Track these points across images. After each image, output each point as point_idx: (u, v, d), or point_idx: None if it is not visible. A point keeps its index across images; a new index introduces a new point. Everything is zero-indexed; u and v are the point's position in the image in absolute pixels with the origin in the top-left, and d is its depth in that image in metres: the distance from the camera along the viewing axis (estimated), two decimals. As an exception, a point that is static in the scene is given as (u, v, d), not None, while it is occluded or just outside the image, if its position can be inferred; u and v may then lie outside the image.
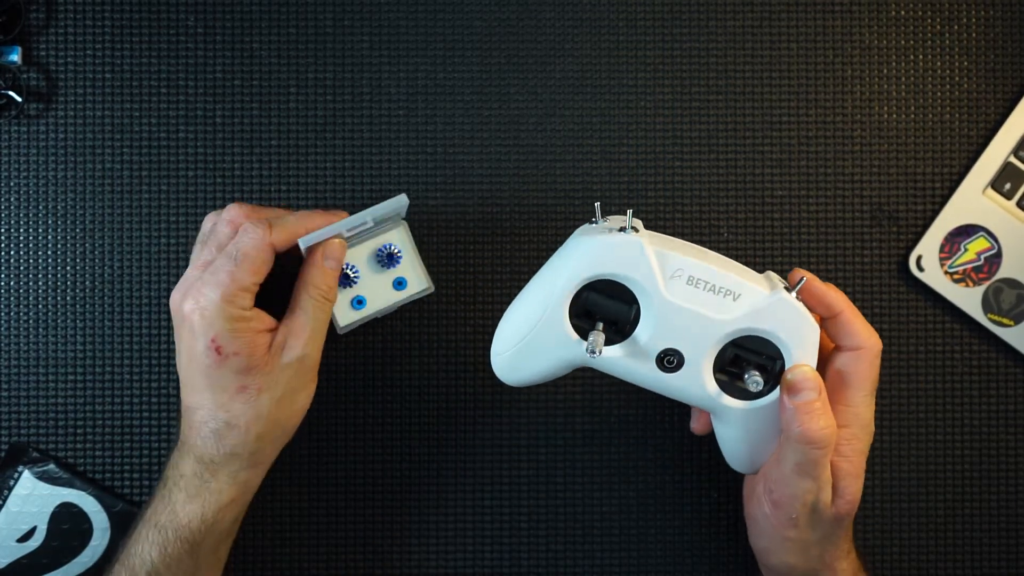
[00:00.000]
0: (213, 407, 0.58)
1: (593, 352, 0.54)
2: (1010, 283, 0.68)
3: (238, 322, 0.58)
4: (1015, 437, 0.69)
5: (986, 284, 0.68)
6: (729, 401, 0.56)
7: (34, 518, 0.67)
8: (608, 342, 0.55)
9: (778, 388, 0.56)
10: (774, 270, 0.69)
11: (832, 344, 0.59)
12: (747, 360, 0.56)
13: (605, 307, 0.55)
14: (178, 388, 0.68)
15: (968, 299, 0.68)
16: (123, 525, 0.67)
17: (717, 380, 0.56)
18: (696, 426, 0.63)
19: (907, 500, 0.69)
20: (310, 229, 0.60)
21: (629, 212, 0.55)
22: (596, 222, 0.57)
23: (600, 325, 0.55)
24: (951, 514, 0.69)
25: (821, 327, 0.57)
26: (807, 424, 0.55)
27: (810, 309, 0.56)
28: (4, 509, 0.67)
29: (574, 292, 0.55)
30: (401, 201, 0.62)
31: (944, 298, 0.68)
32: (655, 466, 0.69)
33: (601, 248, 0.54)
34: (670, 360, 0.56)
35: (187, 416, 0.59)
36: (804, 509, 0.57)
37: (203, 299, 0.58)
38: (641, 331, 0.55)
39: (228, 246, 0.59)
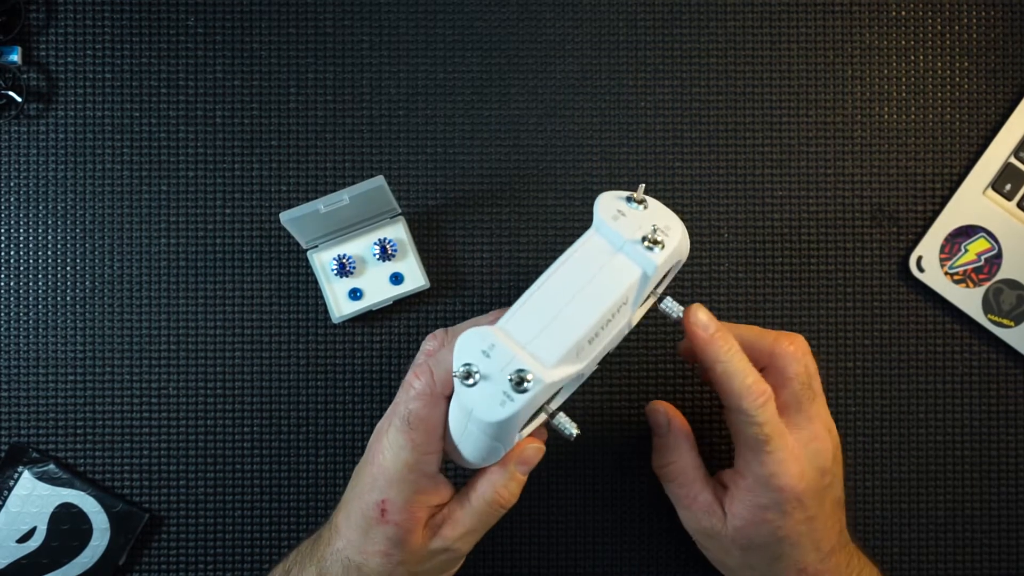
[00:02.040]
0: (355, 547, 0.56)
1: (576, 434, 0.54)
2: (1010, 284, 0.68)
3: (414, 494, 0.55)
4: (1015, 437, 0.69)
5: (986, 285, 0.68)
6: (640, 313, 0.56)
7: (34, 518, 0.67)
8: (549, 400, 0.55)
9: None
10: (774, 270, 0.69)
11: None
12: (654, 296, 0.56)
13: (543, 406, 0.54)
14: (178, 388, 0.68)
15: (968, 300, 0.68)
16: (123, 525, 0.67)
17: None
18: (684, 348, 0.65)
19: (907, 500, 0.69)
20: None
21: None
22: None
23: (549, 409, 0.54)
24: (951, 514, 0.69)
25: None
26: (652, 460, 0.61)
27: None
28: (4, 509, 0.67)
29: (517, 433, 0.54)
30: (376, 182, 0.62)
31: (944, 299, 0.68)
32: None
33: (521, 416, 0.51)
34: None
35: (331, 528, 0.58)
36: (695, 533, 0.61)
37: (392, 455, 0.55)
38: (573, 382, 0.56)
39: (400, 404, 0.55)
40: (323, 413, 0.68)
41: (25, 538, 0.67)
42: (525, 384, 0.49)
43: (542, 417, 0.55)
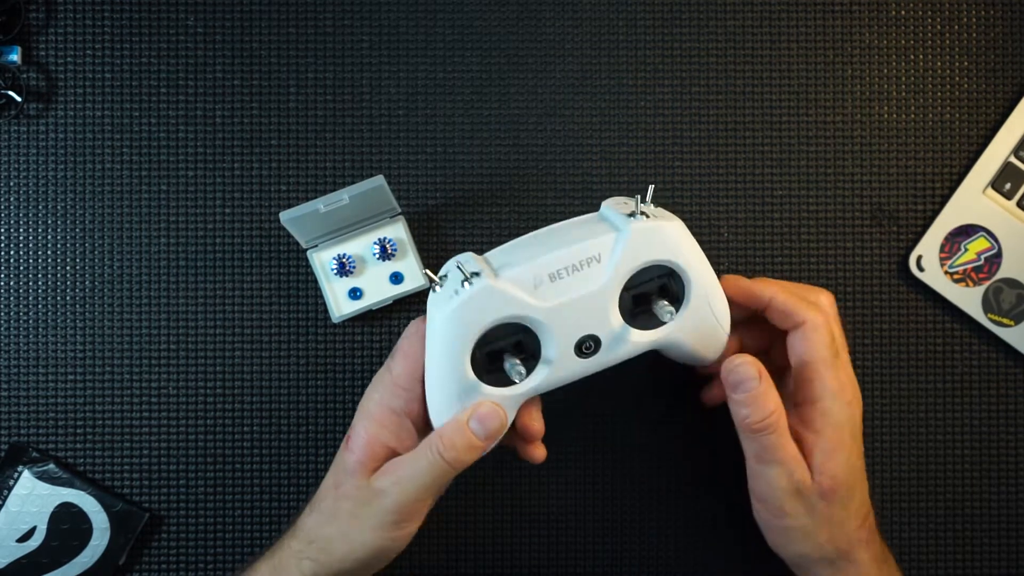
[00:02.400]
0: (321, 486, 0.59)
1: (520, 380, 0.54)
2: (1010, 283, 0.68)
3: (380, 428, 0.57)
4: (1015, 437, 0.69)
5: (986, 284, 0.68)
6: (657, 333, 0.57)
7: (34, 518, 0.67)
8: (527, 368, 0.56)
9: (689, 288, 0.56)
10: (774, 269, 0.69)
11: (783, 327, 0.59)
12: (646, 294, 0.56)
13: (502, 344, 0.55)
14: (178, 388, 0.68)
15: (968, 299, 0.68)
16: (123, 525, 0.67)
17: (637, 327, 0.56)
18: (707, 396, 0.65)
19: (907, 500, 0.69)
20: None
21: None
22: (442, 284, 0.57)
23: (508, 357, 0.55)
24: (951, 514, 0.69)
25: (762, 318, 0.59)
26: (748, 415, 0.56)
27: (743, 306, 0.59)
28: (4, 509, 0.67)
29: (468, 359, 0.55)
30: (376, 182, 0.62)
31: (944, 298, 0.68)
32: (655, 467, 0.69)
33: (461, 312, 0.54)
34: (587, 346, 0.56)
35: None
36: (784, 495, 0.57)
37: (369, 390, 0.58)
38: (547, 344, 0.55)
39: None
40: (323, 413, 0.68)
41: (25, 538, 0.67)
42: (472, 280, 0.53)
43: (516, 390, 0.56)
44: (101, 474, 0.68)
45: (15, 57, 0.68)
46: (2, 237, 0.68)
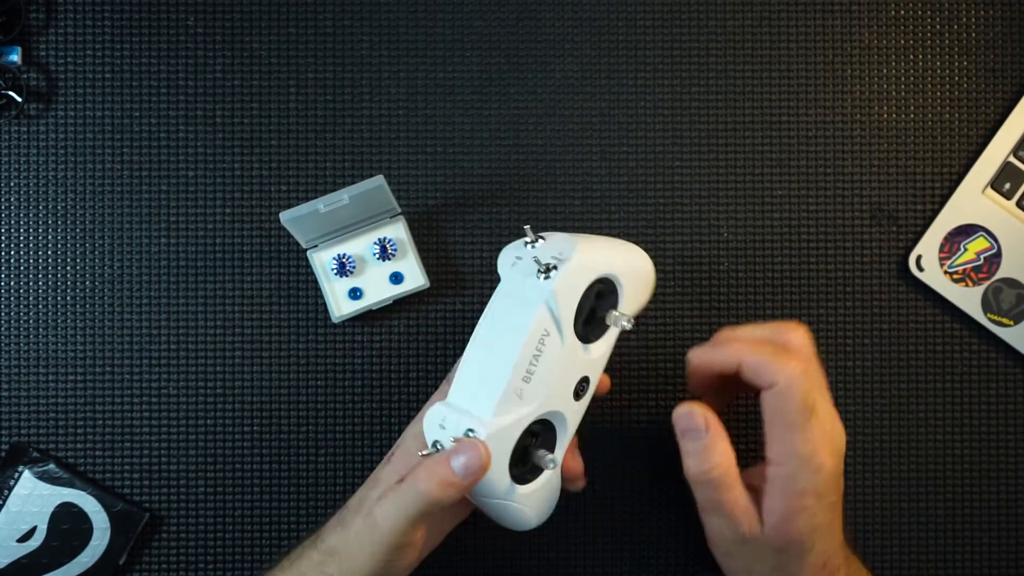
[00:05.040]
0: (355, 497, 0.60)
1: (555, 464, 0.56)
2: (1010, 283, 0.68)
3: (420, 445, 0.59)
4: (1015, 437, 0.69)
5: (986, 284, 0.68)
6: (610, 334, 0.59)
7: (34, 518, 0.67)
8: (552, 444, 0.58)
9: (619, 281, 0.58)
10: (774, 270, 0.69)
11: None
12: (592, 310, 0.57)
13: (525, 444, 0.57)
14: (178, 388, 0.68)
15: (968, 299, 0.68)
16: (123, 525, 0.67)
17: (596, 339, 0.58)
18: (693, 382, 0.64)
19: (907, 500, 0.69)
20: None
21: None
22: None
23: (534, 452, 0.57)
24: (951, 514, 0.69)
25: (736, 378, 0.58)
26: (691, 466, 0.56)
27: (714, 378, 0.59)
28: (4, 509, 0.67)
29: (510, 482, 0.57)
30: (376, 182, 0.62)
31: (944, 298, 0.68)
32: (653, 472, 0.69)
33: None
34: (581, 389, 0.58)
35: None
36: (727, 543, 0.57)
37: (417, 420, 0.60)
38: (556, 418, 0.57)
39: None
40: (323, 413, 0.68)
41: (25, 537, 0.67)
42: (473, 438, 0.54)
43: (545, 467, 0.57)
44: (101, 474, 0.68)
45: (15, 57, 0.68)
46: (2, 237, 0.68)
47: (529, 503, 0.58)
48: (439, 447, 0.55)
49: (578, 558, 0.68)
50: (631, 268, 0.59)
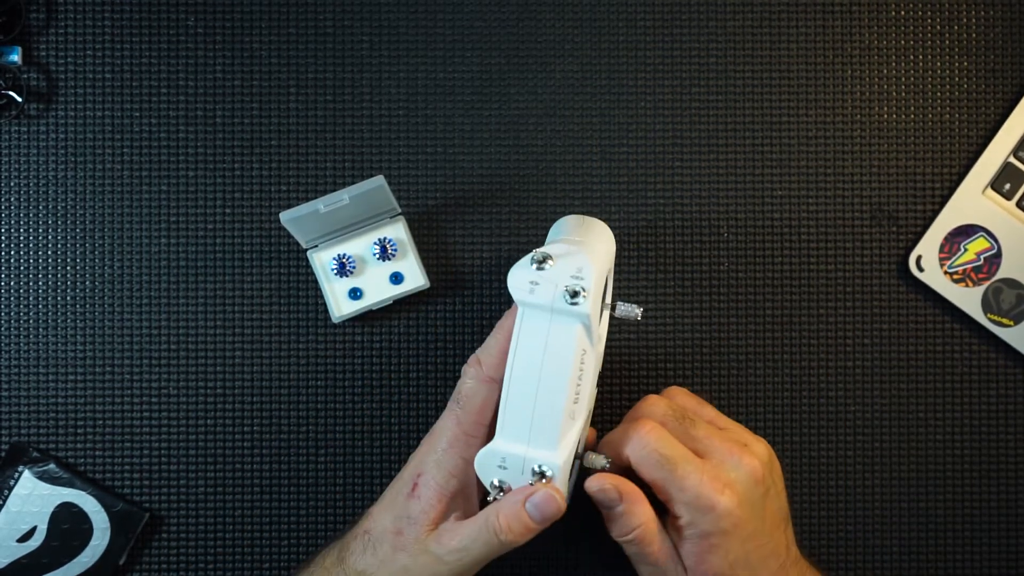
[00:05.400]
0: (378, 524, 0.58)
1: (608, 462, 0.57)
2: (1010, 283, 0.68)
3: (451, 476, 0.57)
4: (1015, 437, 0.69)
5: (986, 284, 0.68)
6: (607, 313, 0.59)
7: (34, 518, 0.67)
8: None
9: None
10: (774, 270, 0.69)
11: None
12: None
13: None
14: (178, 388, 0.68)
15: (968, 299, 0.68)
16: (123, 525, 0.67)
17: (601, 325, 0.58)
18: None
19: (907, 500, 0.69)
20: (500, 344, 0.57)
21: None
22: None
23: (579, 451, 0.57)
24: (951, 514, 0.69)
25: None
26: (612, 530, 0.58)
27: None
28: (4, 509, 0.67)
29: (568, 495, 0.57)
30: (376, 182, 0.62)
31: (944, 298, 0.68)
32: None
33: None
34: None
35: (368, 512, 0.60)
36: None
37: (448, 426, 0.57)
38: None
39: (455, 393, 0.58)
40: (323, 413, 0.68)
41: (25, 537, 0.67)
42: (546, 477, 0.54)
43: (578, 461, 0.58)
44: (101, 474, 0.68)
45: (16, 57, 0.68)
46: (2, 237, 0.68)
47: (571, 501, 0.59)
48: (502, 488, 0.55)
49: (579, 557, 0.68)
50: (605, 251, 0.59)
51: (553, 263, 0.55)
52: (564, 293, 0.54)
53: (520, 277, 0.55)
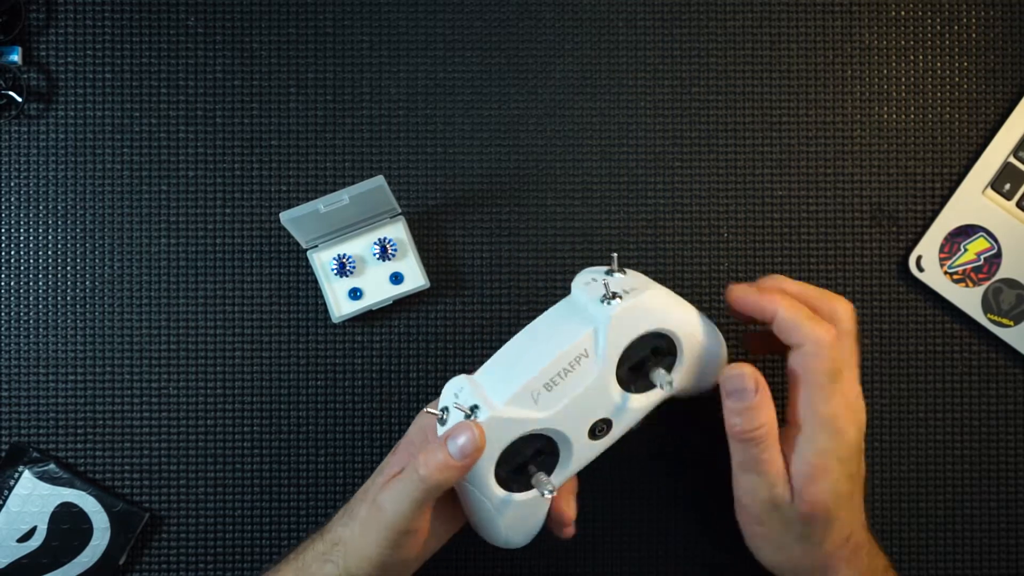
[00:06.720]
0: (357, 493, 0.61)
1: (551, 491, 0.55)
2: (1010, 283, 0.68)
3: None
4: (1015, 437, 0.69)
5: (986, 284, 0.68)
6: (658, 393, 0.58)
7: (34, 518, 0.67)
8: (550, 470, 0.58)
9: (680, 344, 0.58)
10: (774, 270, 0.69)
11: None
12: (641, 361, 0.57)
13: (523, 455, 0.57)
14: (178, 388, 0.68)
15: (968, 299, 0.68)
16: (123, 525, 0.67)
17: (638, 392, 0.58)
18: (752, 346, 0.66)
19: (907, 500, 0.69)
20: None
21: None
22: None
23: (532, 470, 0.57)
24: (951, 514, 0.69)
25: (768, 331, 0.59)
26: (738, 424, 0.56)
27: (749, 318, 0.59)
28: (4, 509, 0.67)
29: (492, 481, 0.56)
30: (376, 182, 0.62)
31: (944, 298, 0.68)
32: (657, 468, 0.69)
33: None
34: (600, 430, 0.58)
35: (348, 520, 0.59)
36: (761, 505, 0.57)
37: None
38: (563, 442, 0.57)
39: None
40: (323, 413, 0.68)
41: (25, 537, 0.67)
42: (474, 414, 0.55)
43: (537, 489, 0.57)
44: (101, 474, 0.68)
45: (16, 57, 0.68)
46: (2, 237, 0.68)
47: (506, 513, 0.58)
48: (446, 414, 0.56)
49: (579, 558, 0.68)
50: (699, 341, 0.58)
51: (622, 276, 0.58)
52: (603, 295, 0.56)
53: (587, 273, 0.60)
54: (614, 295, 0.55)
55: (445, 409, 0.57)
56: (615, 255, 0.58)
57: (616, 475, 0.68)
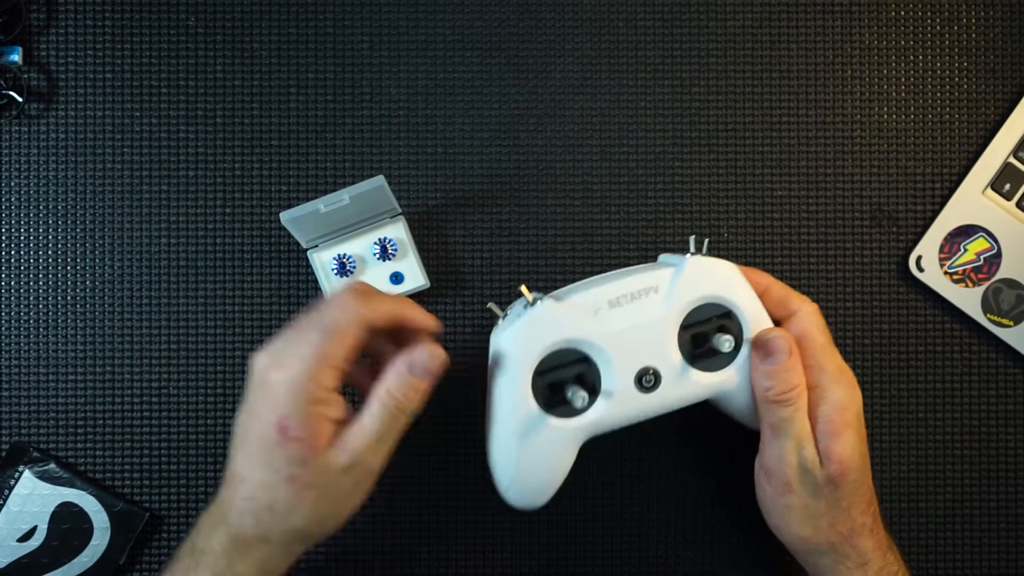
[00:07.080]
0: (258, 485, 0.54)
1: (582, 406, 0.55)
2: (1010, 283, 0.68)
3: (313, 405, 0.53)
4: (1015, 437, 0.69)
5: (986, 284, 0.68)
6: (718, 376, 0.58)
7: (34, 518, 0.67)
8: (590, 401, 0.57)
9: (746, 328, 0.58)
10: (774, 270, 0.69)
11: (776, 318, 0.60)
12: (704, 334, 0.58)
13: (564, 374, 0.56)
14: (178, 388, 0.68)
15: (968, 299, 0.68)
16: (123, 525, 0.67)
17: (697, 367, 0.57)
18: None
19: (907, 500, 0.69)
20: (407, 316, 0.57)
21: (528, 293, 0.57)
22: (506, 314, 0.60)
23: (569, 385, 0.56)
24: (951, 514, 0.69)
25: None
26: (772, 386, 0.57)
27: None
28: (4, 509, 0.67)
29: (530, 385, 0.56)
30: (376, 182, 0.62)
31: (944, 298, 0.69)
32: (661, 463, 0.69)
33: (525, 331, 0.55)
34: (648, 380, 0.57)
35: (231, 483, 0.55)
36: (791, 470, 0.58)
37: (286, 371, 0.53)
38: (606, 374, 0.56)
39: (316, 315, 0.55)
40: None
41: (26, 537, 0.67)
42: (535, 303, 0.55)
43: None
44: (101, 474, 0.68)
45: (16, 57, 0.68)
46: (2, 237, 0.68)
47: (529, 440, 0.56)
48: (504, 312, 0.59)
49: (584, 556, 0.68)
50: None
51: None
52: (687, 252, 0.59)
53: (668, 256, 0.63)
54: (701, 247, 0.58)
55: (509, 307, 0.59)
56: (693, 238, 0.59)
57: (617, 475, 0.68)
